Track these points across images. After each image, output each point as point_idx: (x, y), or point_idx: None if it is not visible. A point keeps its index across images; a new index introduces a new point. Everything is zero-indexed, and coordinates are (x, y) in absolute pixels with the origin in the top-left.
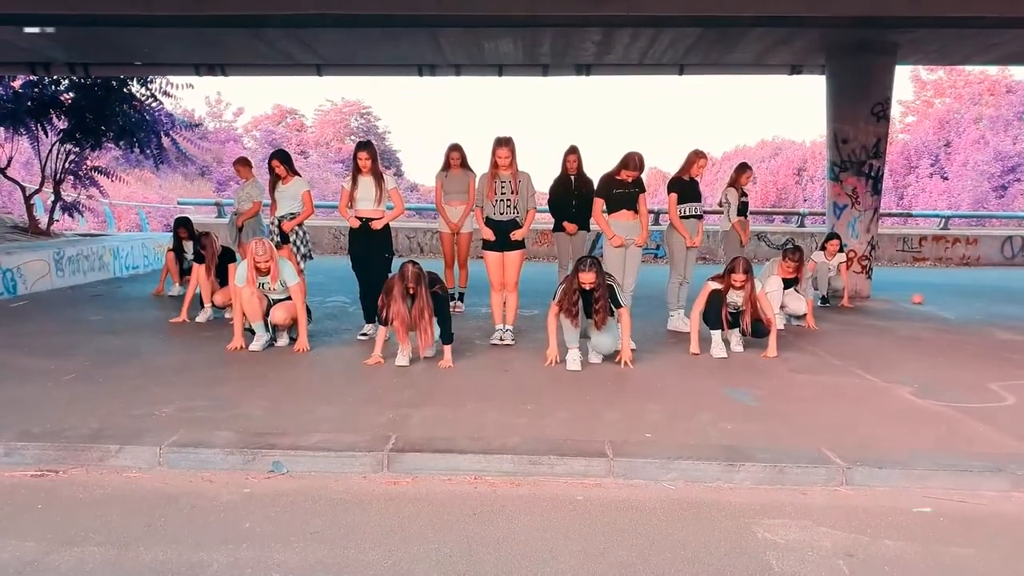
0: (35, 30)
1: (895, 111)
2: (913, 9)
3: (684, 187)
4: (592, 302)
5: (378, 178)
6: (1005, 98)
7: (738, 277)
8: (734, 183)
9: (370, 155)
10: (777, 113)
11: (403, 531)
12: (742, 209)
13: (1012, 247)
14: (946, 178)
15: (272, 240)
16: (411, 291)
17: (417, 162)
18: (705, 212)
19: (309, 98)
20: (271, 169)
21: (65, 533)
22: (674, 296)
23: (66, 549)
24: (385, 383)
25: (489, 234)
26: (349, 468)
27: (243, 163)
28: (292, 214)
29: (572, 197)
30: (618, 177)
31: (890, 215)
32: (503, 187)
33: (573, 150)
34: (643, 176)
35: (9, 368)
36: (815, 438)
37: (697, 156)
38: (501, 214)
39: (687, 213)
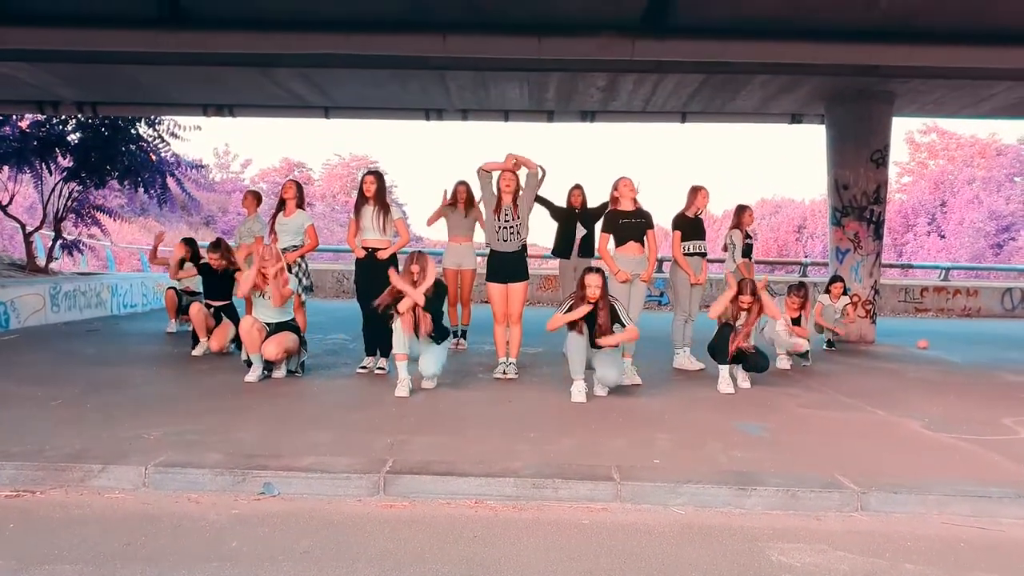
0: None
1: (891, 172)
2: (909, 59)
3: (689, 224)
4: (595, 314)
5: (383, 207)
6: (996, 160)
7: (745, 299)
8: (737, 225)
9: (376, 180)
10: (777, 168)
11: (399, 552)
12: (746, 251)
13: (1012, 299)
14: (943, 236)
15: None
16: (414, 273)
17: (424, 213)
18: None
19: (316, 151)
20: (281, 196)
21: (37, 552)
22: (679, 334)
23: (37, 568)
24: (383, 412)
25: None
26: (344, 491)
27: (253, 196)
28: (294, 246)
29: (575, 230)
30: (621, 208)
31: (891, 266)
32: (506, 216)
33: (578, 187)
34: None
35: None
36: (827, 466)
37: (696, 191)
38: (505, 241)
39: (691, 251)
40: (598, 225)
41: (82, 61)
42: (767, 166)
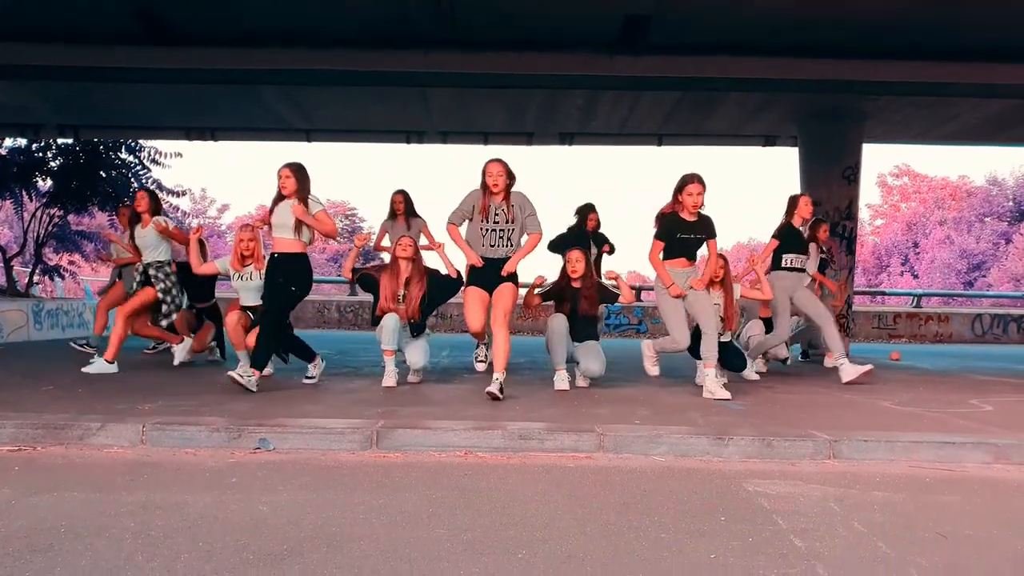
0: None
1: (864, 214)
2: (878, 74)
3: (792, 235)
4: (579, 292)
5: (302, 203)
6: (966, 201)
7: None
8: (813, 238)
9: (293, 173)
10: (751, 194)
11: (394, 484)
12: (821, 266)
13: (982, 324)
14: (916, 276)
15: (134, 284)
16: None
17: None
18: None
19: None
20: (134, 209)
21: (44, 484)
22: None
23: (46, 494)
24: (371, 395)
25: (475, 259)
26: (337, 444)
27: (128, 210)
28: (158, 262)
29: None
30: (682, 215)
31: (864, 293)
32: (496, 217)
33: (593, 208)
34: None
35: None
36: (802, 425)
37: (796, 199)
38: (492, 246)
39: (789, 265)
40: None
41: (66, 79)
42: (742, 192)
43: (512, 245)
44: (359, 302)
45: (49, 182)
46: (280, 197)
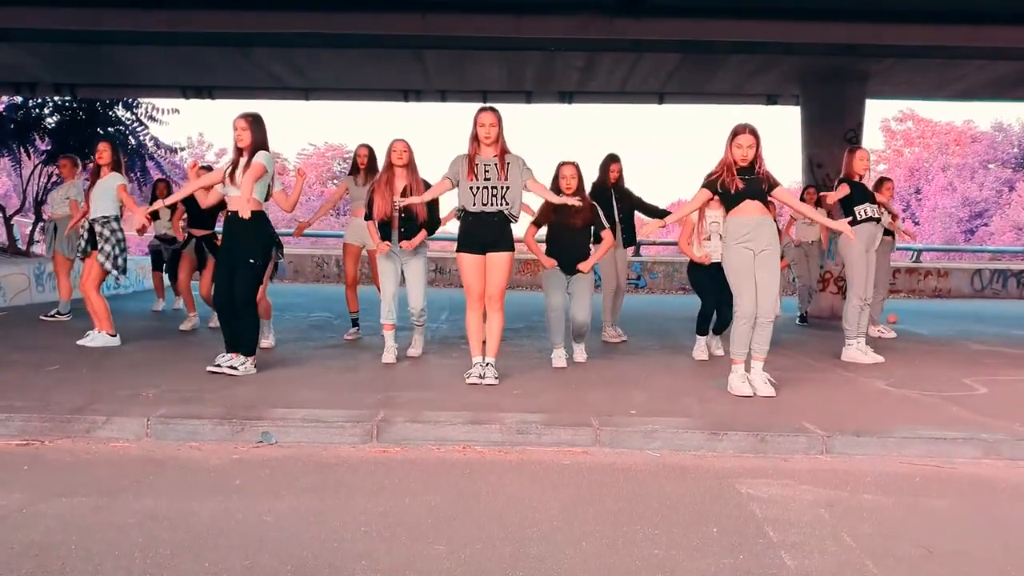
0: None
1: None
2: (881, 37)
3: (856, 187)
4: (572, 213)
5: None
6: (970, 147)
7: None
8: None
9: (249, 125)
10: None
11: (393, 487)
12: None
13: (981, 279)
14: (917, 223)
15: (79, 245)
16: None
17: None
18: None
19: (291, 141)
20: (96, 162)
21: (52, 488)
22: (853, 321)
23: (54, 499)
24: (371, 375)
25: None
26: (338, 438)
27: (71, 161)
28: (104, 217)
29: (612, 209)
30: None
31: None
32: (487, 173)
33: (616, 158)
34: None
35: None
36: (796, 415)
37: (852, 152)
38: (484, 204)
39: (866, 215)
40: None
41: (63, 41)
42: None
43: (508, 204)
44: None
45: (47, 141)
46: (238, 151)
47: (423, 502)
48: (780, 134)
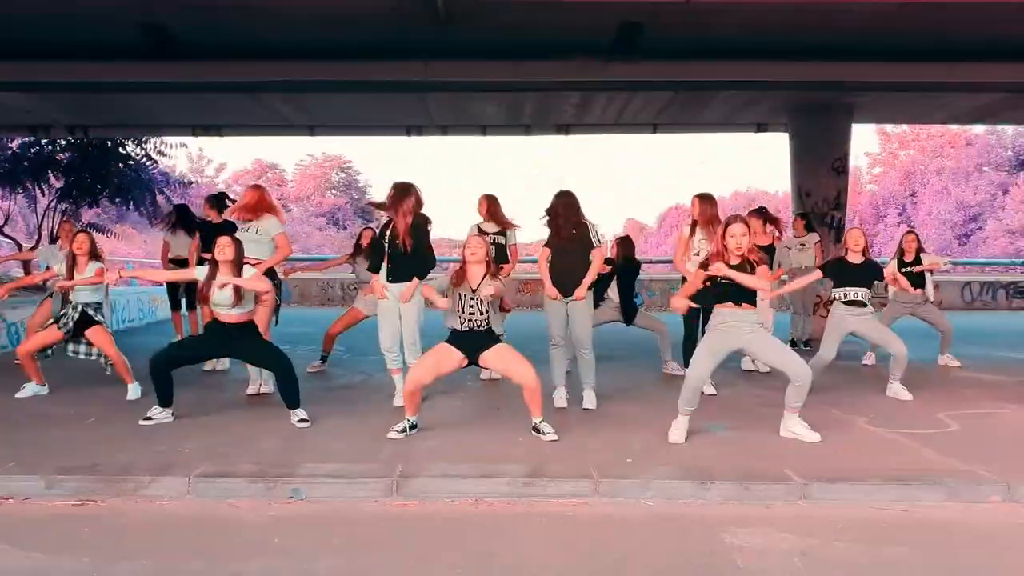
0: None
1: (863, 162)
2: (865, 75)
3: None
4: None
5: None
6: (965, 151)
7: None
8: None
9: (233, 242)
10: (747, 165)
11: (415, 545)
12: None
13: (971, 292)
14: (912, 227)
15: (67, 325)
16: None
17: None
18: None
19: (290, 152)
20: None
21: (115, 551)
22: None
23: (119, 563)
24: (385, 421)
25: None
26: (362, 493)
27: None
28: (96, 303)
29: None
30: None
31: None
32: (470, 303)
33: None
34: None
35: (35, 415)
36: (779, 460)
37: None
38: (469, 322)
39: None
40: None
41: (78, 91)
42: (738, 164)
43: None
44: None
45: (61, 178)
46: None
47: (444, 561)
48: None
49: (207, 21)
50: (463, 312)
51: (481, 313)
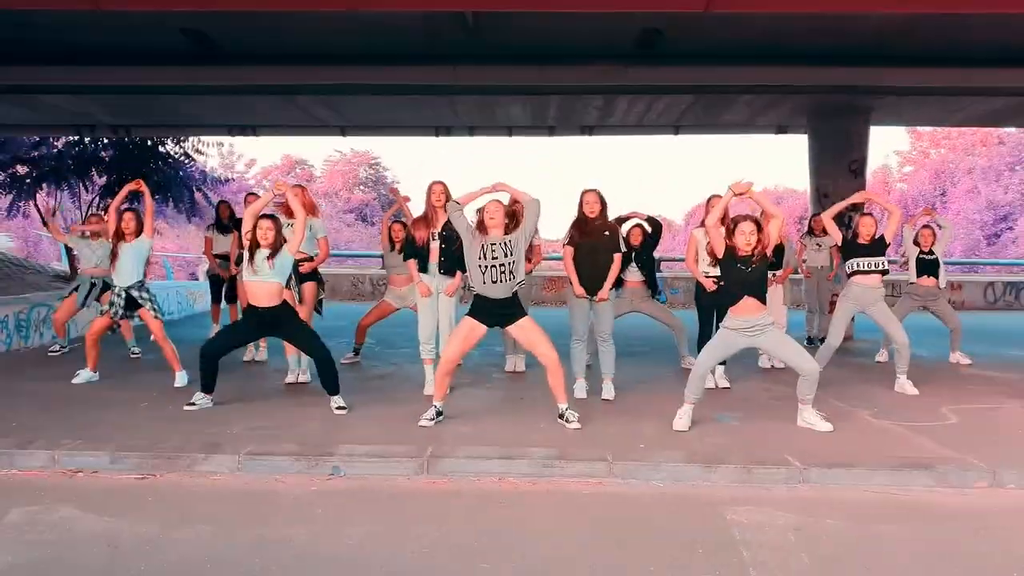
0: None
1: (892, 161)
2: (881, 80)
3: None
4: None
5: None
6: (996, 149)
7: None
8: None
9: (275, 225)
10: (774, 163)
11: (446, 515)
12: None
13: (994, 292)
14: (942, 226)
15: (115, 311)
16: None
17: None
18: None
19: (318, 148)
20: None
21: (176, 517)
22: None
23: (181, 527)
24: (416, 408)
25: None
26: (396, 471)
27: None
28: (139, 282)
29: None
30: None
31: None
32: (493, 251)
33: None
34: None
35: (91, 399)
36: (781, 447)
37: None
38: (495, 283)
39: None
40: None
41: (125, 93)
42: (765, 160)
43: (515, 280)
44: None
45: (103, 176)
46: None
47: (471, 529)
48: (795, 150)
49: (246, 28)
50: (485, 258)
51: (506, 256)
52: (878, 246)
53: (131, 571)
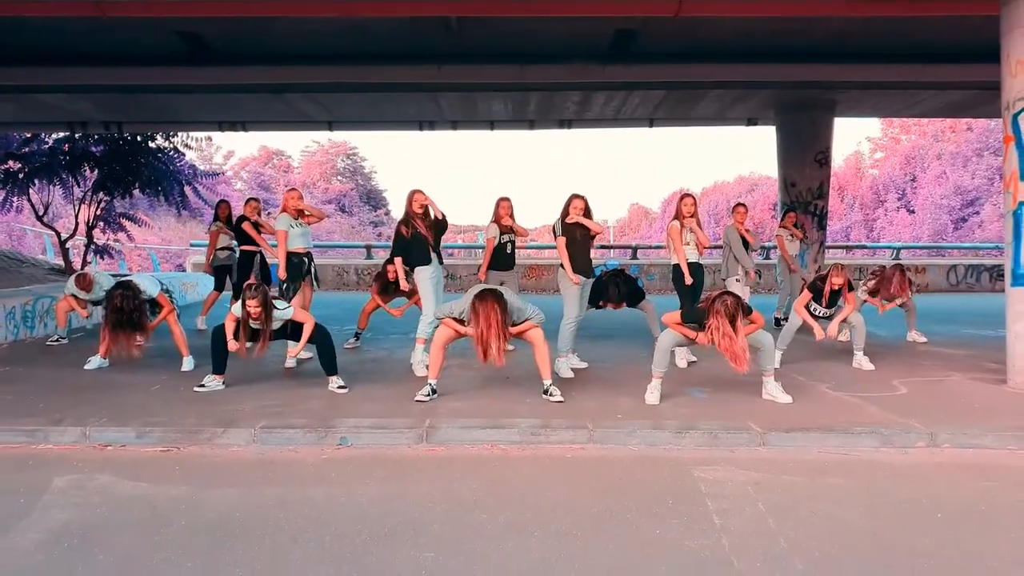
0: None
1: (864, 147)
2: (843, 75)
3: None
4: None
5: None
6: (964, 135)
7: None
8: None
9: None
10: (743, 154)
11: (447, 476)
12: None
13: (956, 275)
14: (912, 211)
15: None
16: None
17: (402, 200)
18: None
19: (295, 139)
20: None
21: (204, 482)
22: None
23: (211, 490)
24: (411, 387)
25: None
26: (398, 440)
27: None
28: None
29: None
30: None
31: (838, 247)
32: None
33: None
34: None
35: (106, 383)
36: (744, 416)
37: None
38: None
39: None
40: None
41: (119, 92)
42: (736, 152)
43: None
44: (375, 266)
45: (95, 171)
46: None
47: (466, 486)
48: (768, 139)
49: (238, 30)
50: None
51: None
52: (835, 299)
53: (173, 525)
